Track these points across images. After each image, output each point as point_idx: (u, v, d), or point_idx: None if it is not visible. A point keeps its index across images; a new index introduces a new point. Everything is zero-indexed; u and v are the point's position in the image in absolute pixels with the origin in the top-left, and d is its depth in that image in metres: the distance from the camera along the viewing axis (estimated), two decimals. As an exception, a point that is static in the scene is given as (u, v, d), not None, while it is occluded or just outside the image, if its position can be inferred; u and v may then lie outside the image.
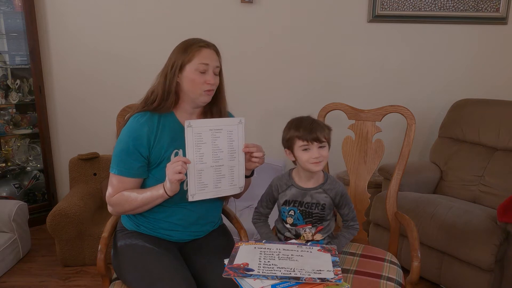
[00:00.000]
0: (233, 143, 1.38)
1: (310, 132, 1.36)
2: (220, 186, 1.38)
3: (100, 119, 2.98)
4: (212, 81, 1.38)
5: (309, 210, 1.43)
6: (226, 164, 1.38)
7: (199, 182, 1.34)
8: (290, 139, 1.40)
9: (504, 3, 2.79)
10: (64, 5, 2.86)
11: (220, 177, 1.38)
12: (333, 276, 1.12)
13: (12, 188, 2.87)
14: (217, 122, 1.37)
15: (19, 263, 2.49)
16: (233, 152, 1.39)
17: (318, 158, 1.37)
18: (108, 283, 1.45)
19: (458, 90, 2.93)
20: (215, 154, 1.35)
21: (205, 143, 1.33)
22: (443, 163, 2.62)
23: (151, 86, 1.45)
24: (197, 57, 1.37)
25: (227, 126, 1.36)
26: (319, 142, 1.36)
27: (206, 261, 1.40)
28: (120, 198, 1.37)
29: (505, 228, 1.94)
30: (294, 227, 1.45)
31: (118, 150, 1.38)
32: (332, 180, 1.46)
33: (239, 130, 1.38)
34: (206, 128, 1.33)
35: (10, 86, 2.87)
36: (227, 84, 1.51)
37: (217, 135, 1.35)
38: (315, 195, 1.43)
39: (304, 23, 2.89)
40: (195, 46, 1.38)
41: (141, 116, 1.39)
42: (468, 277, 2.02)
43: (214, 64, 1.39)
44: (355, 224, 1.50)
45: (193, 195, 1.35)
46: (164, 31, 2.85)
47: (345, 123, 1.81)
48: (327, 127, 1.41)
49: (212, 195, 1.38)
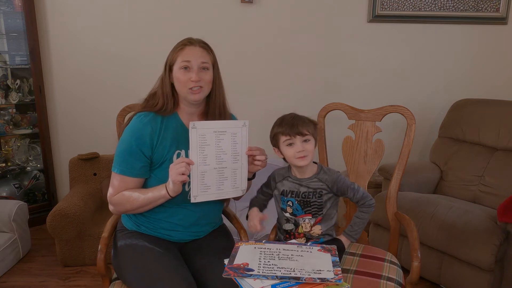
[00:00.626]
0: (237, 145, 1.38)
1: (292, 126, 1.37)
2: (222, 188, 1.39)
3: (100, 119, 2.98)
4: (195, 77, 1.36)
5: (306, 200, 1.44)
6: (229, 166, 1.38)
7: (202, 183, 1.35)
8: (275, 136, 1.43)
9: (504, 3, 2.80)
10: (64, 5, 2.86)
11: (223, 179, 1.38)
12: (333, 276, 1.12)
13: (12, 188, 2.87)
14: (221, 124, 1.37)
15: (19, 263, 2.49)
16: (237, 154, 1.39)
17: (303, 152, 1.37)
18: (108, 283, 1.45)
19: (458, 90, 2.93)
20: (219, 156, 1.36)
21: (209, 145, 1.33)
22: (443, 163, 2.62)
23: (152, 88, 1.46)
24: (180, 56, 1.38)
25: (231, 128, 1.37)
26: (302, 135, 1.37)
27: (206, 261, 1.40)
28: (121, 197, 1.37)
29: (505, 228, 1.94)
30: (294, 217, 1.46)
31: (121, 149, 1.38)
32: (326, 170, 1.47)
33: (243, 133, 1.38)
34: (210, 130, 1.33)
35: (10, 86, 2.87)
36: (227, 84, 1.50)
37: (221, 137, 1.35)
38: (310, 184, 1.45)
39: (304, 23, 2.89)
40: (179, 45, 1.40)
41: (145, 116, 1.39)
42: (468, 277, 2.02)
43: (198, 60, 1.38)
44: (367, 201, 1.46)
45: (195, 197, 1.35)
46: (164, 31, 2.85)
47: (345, 123, 1.81)
48: (312, 121, 1.42)
49: (214, 197, 1.39)
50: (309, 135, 1.39)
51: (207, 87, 1.41)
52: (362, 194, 1.47)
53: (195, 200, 1.35)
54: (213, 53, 1.44)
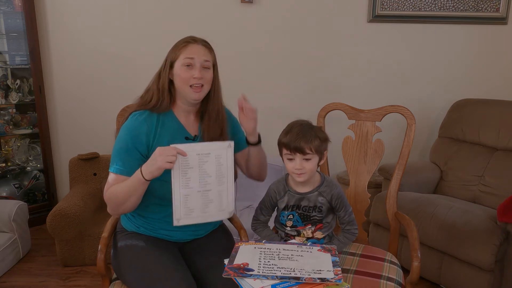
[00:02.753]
0: (222, 167, 1.33)
1: (294, 141, 1.31)
2: (207, 211, 1.34)
3: (100, 119, 2.98)
4: (198, 74, 1.35)
5: (307, 213, 1.43)
6: (214, 189, 1.34)
7: (185, 206, 1.31)
8: (279, 144, 1.39)
9: (504, 3, 2.79)
10: (64, 5, 2.86)
11: (207, 202, 1.34)
12: (333, 276, 1.12)
13: (12, 188, 2.87)
14: (205, 146, 1.33)
15: (19, 263, 2.49)
16: (222, 176, 1.34)
17: (301, 170, 1.33)
18: (108, 283, 1.45)
19: (458, 90, 2.93)
20: (202, 179, 1.31)
21: (192, 167, 1.29)
22: (443, 163, 2.62)
23: (147, 85, 1.45)
24: (183, 53, 1.37)
25: (215, 150, 1.32)
26: (302, 154, 1.32)
27: (206, 261, 1.40)
28: (110, 193, 1.34)
29: (505, 228, 1.94)
30: (294, 228, 1.45)
31: (117, 148, 1.38)
32: (329, 183, 1.44)
33: (228, 154, 1.33)
34: (193, 153, 1.29)
35: (10, 86, 2.87)
36: (227, 84, 1.50)
37: (204, 160, 1.30)
38: (312, 198, 1.42)
39: (304, 23, 2.89)
40: (181, 42, 1.40)
41: (140, 115, 1.39)
42: (468, 277, 2.02)
43: (201, 58, 1.37)
44: (352, 229, 1.47)
45: (178, 220, 1.31)
46: (164, 31, 2.85)
47: (345, 123, 1.81)
48: (318, 137, 1.34)
49: (199, 220, 1.35)
50: (311, 154, 1.32)
51: (207, 85, 1.40)
52: (351, 220, 1.47)
53: (178, 224, 1.31)
54: (214, 53, 1.44)
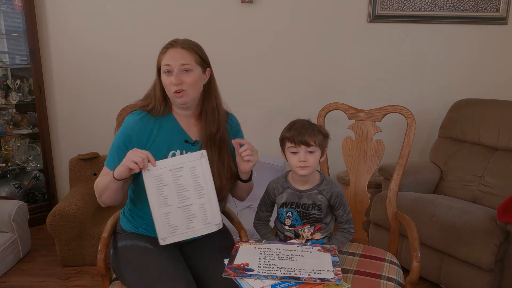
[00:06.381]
0: (199, 179, 1.30)
1: (298, 134, 1.34)
2: (192, 226, 1.31)
3: (100, 119, 2.98)
4: (175, 81, 1.33)
5: (306, 211, 1.43)
6: (195, 202, 1.31)
7: (168, 225, 1.29)
8: (282, 139, 1.40)
9: (504, 3, 2.79)
10: (64, 5, 2.86)
11: (190, 217, 1.31)
12: (333, 276, 1.12)
13: (12, 188, 2.87)
14: (175, 160, 1.31)
15: (19, 263, 2.49)
16: (201, 188, 1.31)
17: (305, 162, 1.34)
18: (108, 283, 1.45)
19: (458, 90, 2.93)
20: (180, 194, 1.29)
21: (167, 184, 1.27)
22: (443, 163, 2.62)
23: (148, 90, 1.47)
24: (163, 60, 1.37)
25: (188, 162, 1.29)
26: (307, 145, 1.33)
27: (206, 261, 1.40)
28: (95, 183, 1.42)
29: (505, 228, 1.94)
30: (293, 228, 1.45)
31: (112, 143, 1.41)
32: (329, 181, 1.45)
33: (203, 165, 1.30)
34: (165, 169, 1.27)
35: (10, 86, 2.87)
36: (227, 84, 1.50)
37: (179, 174, 1.28)
38: (311, 196, 1.43)
39: (304, 23, 2.89)
40: (163, 48, 1.39)
41: (137, 115, 1.40)
42: (468, 277, 2.02)
43: (178, 63, 1.34)
44: (350, 228, 1.49)
45: (164, 239, 1.30)
46: (164, 32, 2.85)
47: (345, 123, 1.81)
48: (321, 132, 1.37)
49: (185, 237, 1.32)
50: (314, 146, 1.35)
51: (191, 89, 1.36)
52: (349, 219, 1.48)
53: (165, 243, 1.30)
54: (200, 53, 1.40)
